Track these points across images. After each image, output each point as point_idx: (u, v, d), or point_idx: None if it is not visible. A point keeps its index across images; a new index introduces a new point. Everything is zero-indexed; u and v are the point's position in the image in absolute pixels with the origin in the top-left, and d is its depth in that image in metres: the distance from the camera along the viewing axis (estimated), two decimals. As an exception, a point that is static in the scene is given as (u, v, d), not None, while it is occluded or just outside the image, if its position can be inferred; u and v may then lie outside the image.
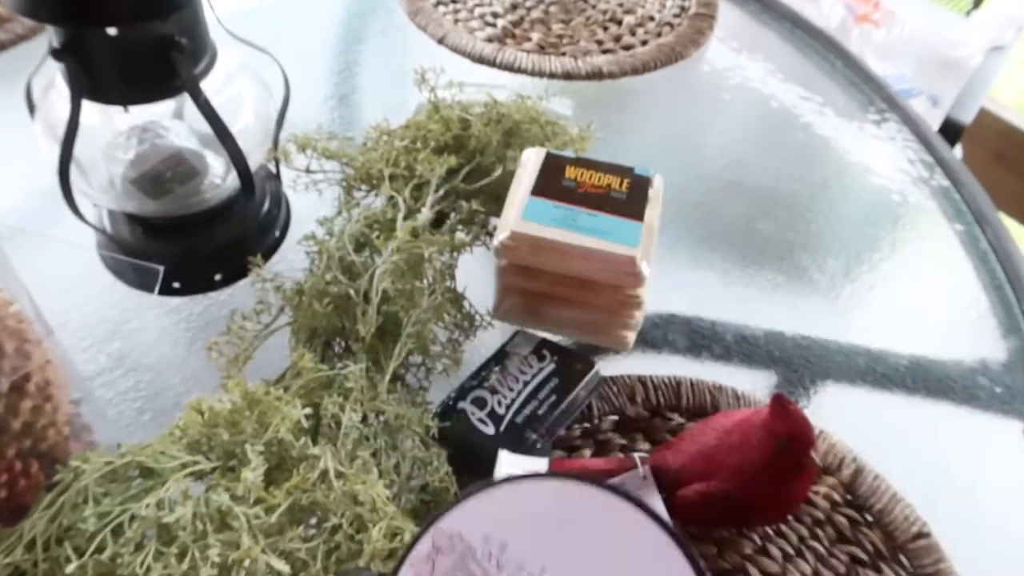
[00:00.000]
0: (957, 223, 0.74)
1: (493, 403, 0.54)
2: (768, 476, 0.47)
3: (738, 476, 0.47)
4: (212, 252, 0.62)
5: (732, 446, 0.48)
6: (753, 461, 0.47)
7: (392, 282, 0.52)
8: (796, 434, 0.46)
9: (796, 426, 0.46)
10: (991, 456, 0.59)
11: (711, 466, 0.48)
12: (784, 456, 0.46)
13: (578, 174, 0.60)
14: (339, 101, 0.83)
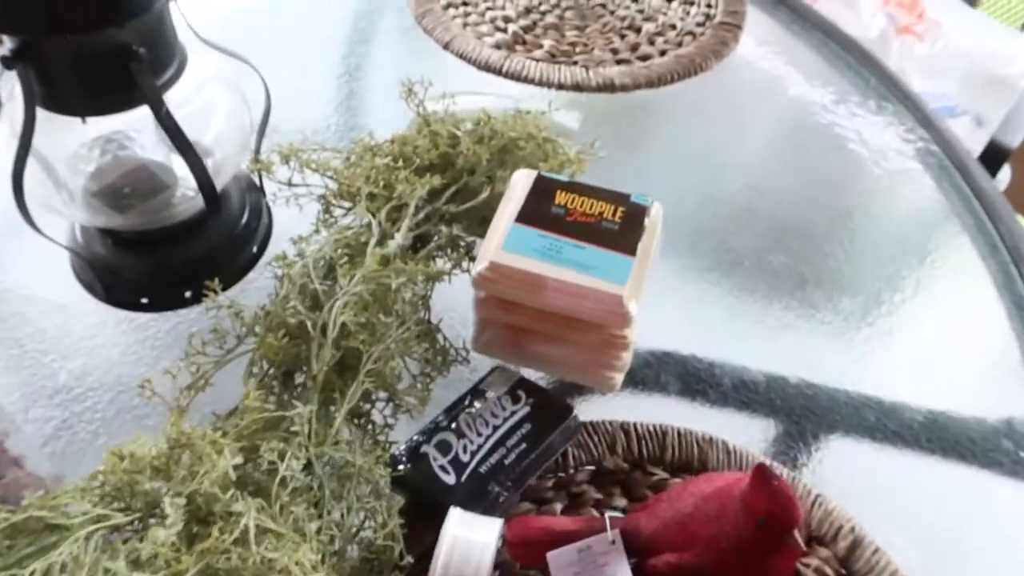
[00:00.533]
0: (992, 261, 0.68)
1: (458, 448, 0.50)
2: (745, 554, 0.42)
3: (712, 550, 0.43)
4: (183, 267, 0.60)
5: (708, 516, 0.44)
6: (729, 536, 0.43)
7: (355, 314, 0.49)
8: (777, 512, 0.41)
9: (777, 503, 0.41)
10: (1011, 531, 0.53)
11: (685, 536, 0.44)
12: (763, 533, 0.42)
13: (569, 200, 0.56)
14: (340, 106, 0.80)
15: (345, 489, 0.45)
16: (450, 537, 0.42)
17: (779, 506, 0.41)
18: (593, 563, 0.45)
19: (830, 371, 0.59)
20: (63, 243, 0.58)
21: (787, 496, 0.41)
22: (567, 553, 0.45)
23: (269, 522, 0.40)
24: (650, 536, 0.45)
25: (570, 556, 0.45)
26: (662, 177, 0.72)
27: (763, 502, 0.41)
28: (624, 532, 0.46)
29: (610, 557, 0.45)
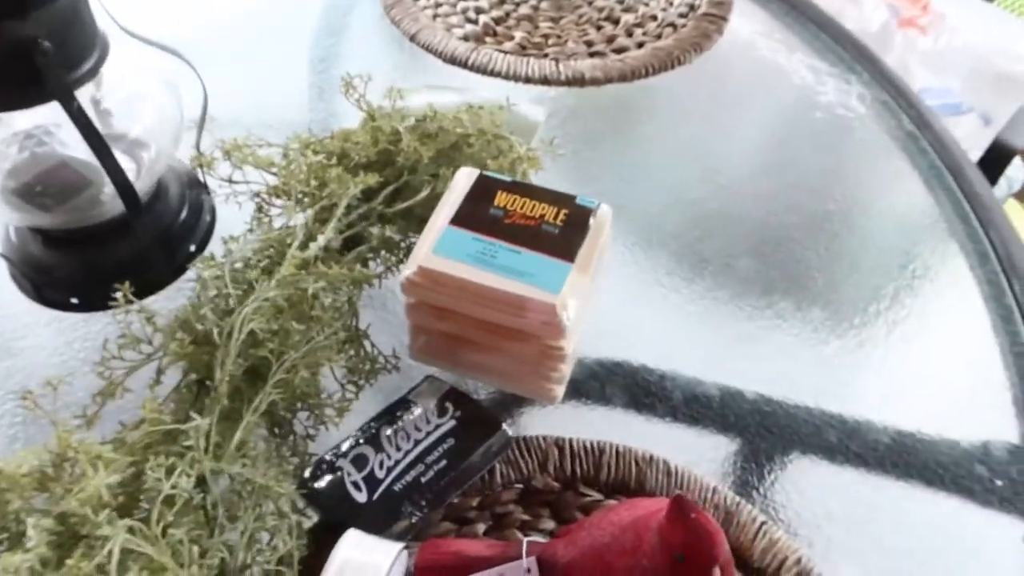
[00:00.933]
0: (980, 271, 0.63)
1: (375, 463, 0.47)
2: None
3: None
4: (115, 266, 0.58)
5: (625, 548, 0.40)
6: (645, 570, 0.39)
7: (266, 321, 0.46)
8: (695, 548, 0.38)
9: (696, 538, 0.38)
10: (978, 564, 0.49)
11: (601, 567, 0.41)
12: (680, 570, 0.38)
13: (509, 202, 0.52)
14: (306, 100, 0.78)
15: (243, 508, 0.43)
16: (339, 561, 0.39)
17: (698, 541, 0.38)
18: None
19: (792, 387, 0.55)
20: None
21: (707, 531, 0.38)
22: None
23: (145, 546, 0.38)
24: (567, 565, 0.42)
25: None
26: (629, 176, 0.68)
27: (680, 536, 0.38)
28: (541, 560, 0.42)
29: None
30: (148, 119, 0.54)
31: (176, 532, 0.38)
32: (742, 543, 0.47)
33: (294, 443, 0.50)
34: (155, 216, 0.58)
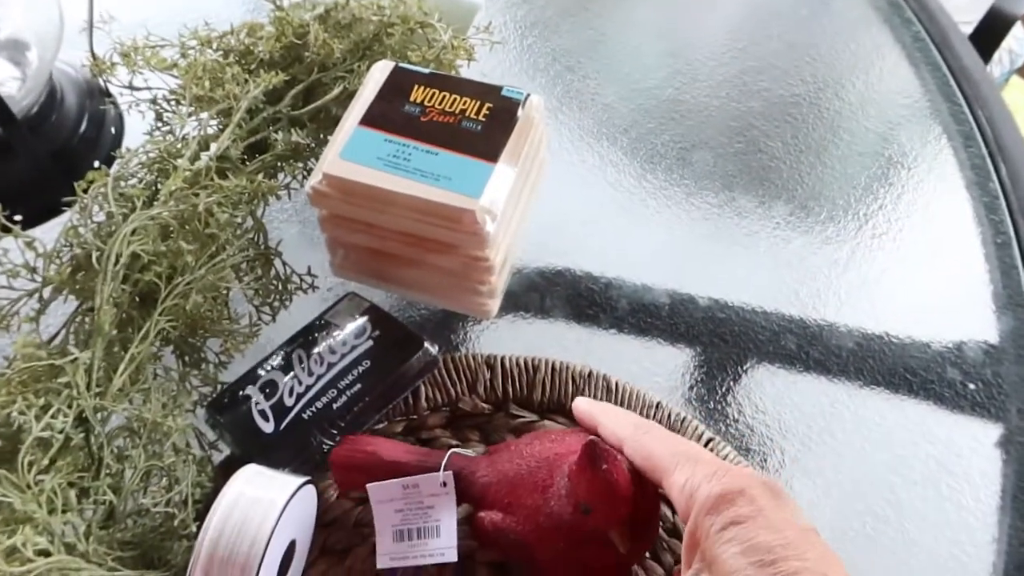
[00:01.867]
0: (964, 154, 0.57)
1: (284, 390, 0.43)
2: (564, 537, 0.35)
3: (532, 523, 0.36)
4: (9, 187, 0.53)
5: (536, 484, 0.37)
6: (550, 514, 0.36)
7: (152, 242, 0.42)
8: (600, 504, 0.34)
9: (603, 494, 0.34)
10: (949, 477, 0.45)
11: (511, 498, 0.37)
12: (585, 522, 0.35)
13: (427, 97, 0.47)
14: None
15: (132, 445, 0.39)
16: (230, 497, 0.36)
17: (604, 497, 0.34)
18: (419, 503, 0.39)
19: (749, 291, 0.51)
20: None
21: (615, 487, 0.34)
22: (390, 488, 0.39)
23: (12, 494, 0.34)
24: (484, 486, 0.39)
25: (393, 491, 0.39)
26: (578, 65, 0.62)
27: (586, 488, 0.34)
28: (460, 476, 0.39)
29: (438, 500, 0.39)
30: (22, 15, 0.49)
31: (48, 477, 0.35)
32: (686, 462, 0.43)
33: (205, 372, 0.46)
34: (49, 130, 0.53)
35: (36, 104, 0.52)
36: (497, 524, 0.37)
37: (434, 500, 0.39)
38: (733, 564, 0.28)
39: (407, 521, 0.39)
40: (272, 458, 0.41)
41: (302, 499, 0.38)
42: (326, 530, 0.42)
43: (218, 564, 0.34)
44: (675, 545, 0.41)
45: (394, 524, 0.39)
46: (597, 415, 0.38)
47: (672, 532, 0.41)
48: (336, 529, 0.42)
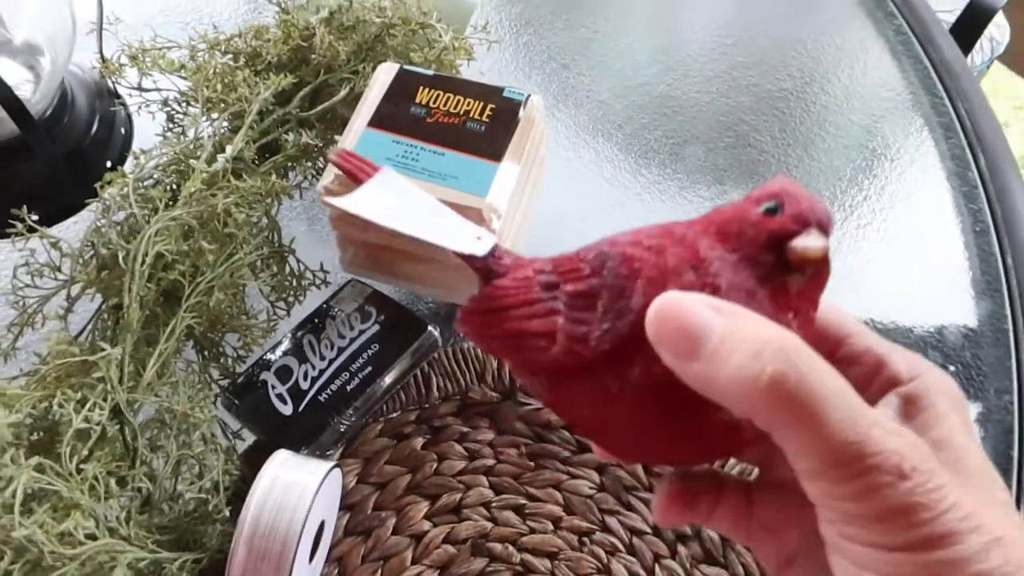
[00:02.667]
0: (945, 145, 0.60)
1: (299, 374, 0.46)
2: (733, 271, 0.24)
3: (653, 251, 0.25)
4: (22, 190, 0.54)
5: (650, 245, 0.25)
6: (683, 246, 0.25)
7: (175, 241, 0.44)
8: (792, 196, 0.24)
9: (792, 188, 0.25)
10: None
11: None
12: (765, 226, 0.24)
13: (431, 98, 0.49)
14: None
15: (164, 435, 0.41)
16: (266, 481, 0.38)
17: (795, 191, 0.24)
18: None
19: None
20: None
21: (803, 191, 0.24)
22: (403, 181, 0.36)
23: (57, 482, 0.36)
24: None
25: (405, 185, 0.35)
26: (573, 62, 0.64)
27: (776, 188, 0.25)
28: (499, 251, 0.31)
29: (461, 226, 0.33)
30: (35, 19, 0.50)
31: (90, 466, 0.37)
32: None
33: (224, 366, 0.48)
34: (62, 132, 0.55)
35: (49, 107, 0.53)
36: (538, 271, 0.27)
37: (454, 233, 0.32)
38: (977, 458, 0.23)
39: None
40: (292, 438, 0.43)
41: (331, 482, 0.40)
42: (347, 513, 0.44)
43: (260, 539, 0.36)
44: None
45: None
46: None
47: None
48: (356, 512, 0.44)
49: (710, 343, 0.21)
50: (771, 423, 0.21)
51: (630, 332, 0.24)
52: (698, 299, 0.22)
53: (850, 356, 0.26)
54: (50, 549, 0.32)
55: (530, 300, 0.27)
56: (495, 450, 0.46)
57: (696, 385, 0.22)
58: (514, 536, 0.44)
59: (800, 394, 0.21)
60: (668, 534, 0.44)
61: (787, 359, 0.21)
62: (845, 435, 0.20)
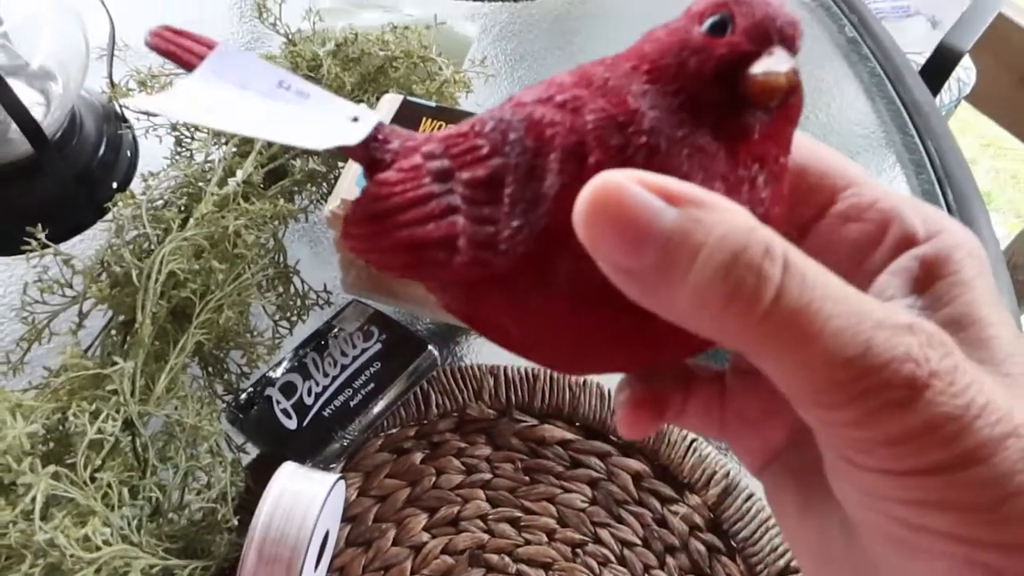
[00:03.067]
0: (916, 180, 0.63)
1: (303, 391, 0.47)
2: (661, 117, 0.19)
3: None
4: (32, 209, 0.56)
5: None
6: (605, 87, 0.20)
7: (188, 260, 0.45)
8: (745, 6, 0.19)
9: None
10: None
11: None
12: (713, 49, 0.19)
13: (435, 128, 0.51)
14: (229, 20, 0.74)
15: (174, 447, 0.43)
16: (276, 491, 0.40)
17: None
18: (295, 106, 0.25)
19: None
20: None
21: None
22: (257, 64, 0.25)
23: (73, 491, 0.38)
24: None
25: (260, 69, 0.25)
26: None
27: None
28: (386, 131, 0.24)
29: (331, 118, 0.24)
30: (50, 46, 0.52)
31: (104, 475, 0.38)
32: (672, 460, 0.48)
33: (228, 382, 0.49)
34: (71, 153, 0.56)
35: (59, 129, 0.55)
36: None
37: (323, 124, 0.24)
38: (1008, 334, 0.19)
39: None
40: (296, 452, 0.45)
41: (336, 493, 0.42)
42: (348, 524, 0.46)
43: (270, 545, 0.37)
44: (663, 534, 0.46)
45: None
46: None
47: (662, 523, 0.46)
48: (358, 524, 0.46)
49: (660, 249, 0.16)
50: (746, 350, 0.17)
51: (548, 225, 0.19)
52: (640, 180, 0.16)
53: (851, 211, 0.21)
54: (71, 552, 0.33)
55: (421, 197, 0.21)
56: (491, 465, 0.48)
57: (644, 301, 0.17)
58: (510, 547, 0.45)
59: (785, 313, 0.16)
60: (657, 546, 0.46)
61: (762, 268, 0.16)
62: (845, 351, 0.16)
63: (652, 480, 0.47)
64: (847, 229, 0.21)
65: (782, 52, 0.18)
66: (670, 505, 0.47)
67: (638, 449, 0.48)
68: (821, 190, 0.22)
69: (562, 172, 0.19)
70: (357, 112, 0.24)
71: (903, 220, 0.20)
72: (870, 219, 0.21)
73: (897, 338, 0.16)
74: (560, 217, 0.18)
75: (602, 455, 0.48)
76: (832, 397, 0.16)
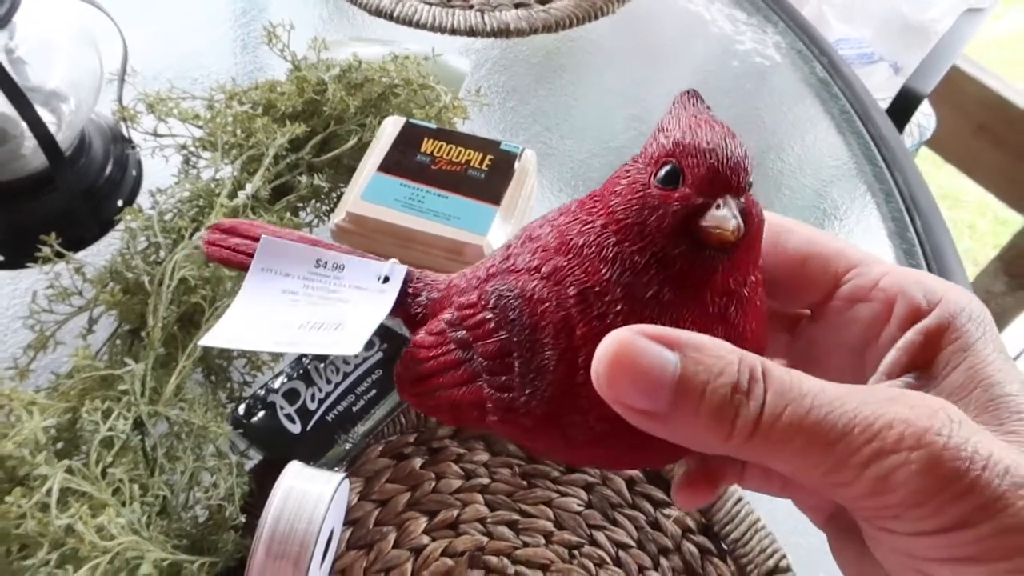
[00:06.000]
0: (886, 208, 0.67)
1: (306, 397, 0.49)
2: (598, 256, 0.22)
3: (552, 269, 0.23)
4: (41, 222, 0.57)
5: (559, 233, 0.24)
6: (583, 247, 0.23)
7: (198, 268, 0.47)
8: (693, 155, 0.22)
9: (694, 143, 0.22)
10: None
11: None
12: (666, 199, 0.22)
13: (435, 148, 0.54)
14: (232, 51, 0.77)
15: (181, 448, 0.44)
16: (284, 488, 0.41)
17: (696, 143, 0.22)
18: (329, 293, 0.29)
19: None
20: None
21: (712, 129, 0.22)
22: (296, 251, 0.28)
23: (85, 484, 0.38)
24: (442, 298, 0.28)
25: (299, 256, 0.28)
26: (554, 125, 0.70)
27: (671, 145, 0.22)
28: (415, 281, 0.29)
29: (364, 299, 0.29)
30: (65, 70, 0.54)
31: (115, 471, 0.39)
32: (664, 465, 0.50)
33: (231, 389, 0.51)
34: (79, 171, 0.58)
35: (69, 148, 0.57)
36: (465, 307, 0.25)
37: (356, 296, 0.28)
38: (1015, 390, 0.20)
39: (292, 308, 0.28)
40: (300, 455, 0.46)
41: (341, 492, 0.43)
42: (350, 528, 0.46)
43: (278, 542, 0.38)
44: (658, 537, 0.47)
45: (270, 305, 0.28)
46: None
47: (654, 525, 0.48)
48: (359, 527, 0.47)
49: (672, 392, 0.19)
50: (753, 459, 0.19)
51: (554, 394, 0.22)
52: (643, 333, 0.19)
53: (856, 292, 0.23)
54: (89, 539, 0.34)
55: (450, 363, 0.25)
56: (490, 470, 0.49)
57: (658, 433, 0.19)
58: (508, 549, 0.46)
59: (770, 421, 0.18)
60: (651, 548, 0.47)
61: (752, 391, 0.18)
62: (832, 432, 0.18)
63: (645, 484, 0.49)
64: (856, 310, 0.22)
65: (730, 201, 0.21)
66: (663, 508, 0.48)
67: (631, 455, 0.50)
68: (825, 275, 0.24)
69: (556, 346, 0.22)
70: (387, 270, 0.29)
71: (905, 295, 0.22)
72: (876, 298, 0.23)
73: (883, 409, 0.18)
74: (564, 383, 0.21)
75: (596, 461, 0.50)
76: (841, 476, 0.18)
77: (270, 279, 0.28)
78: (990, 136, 1.18)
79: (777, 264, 0.24)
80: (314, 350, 0.28)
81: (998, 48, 1.84)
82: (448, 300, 0.27)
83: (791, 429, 0.18)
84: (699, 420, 0.19)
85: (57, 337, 0.48)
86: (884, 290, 0.23)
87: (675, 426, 0.19)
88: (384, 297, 0.28)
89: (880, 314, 0.22)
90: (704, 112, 0.23)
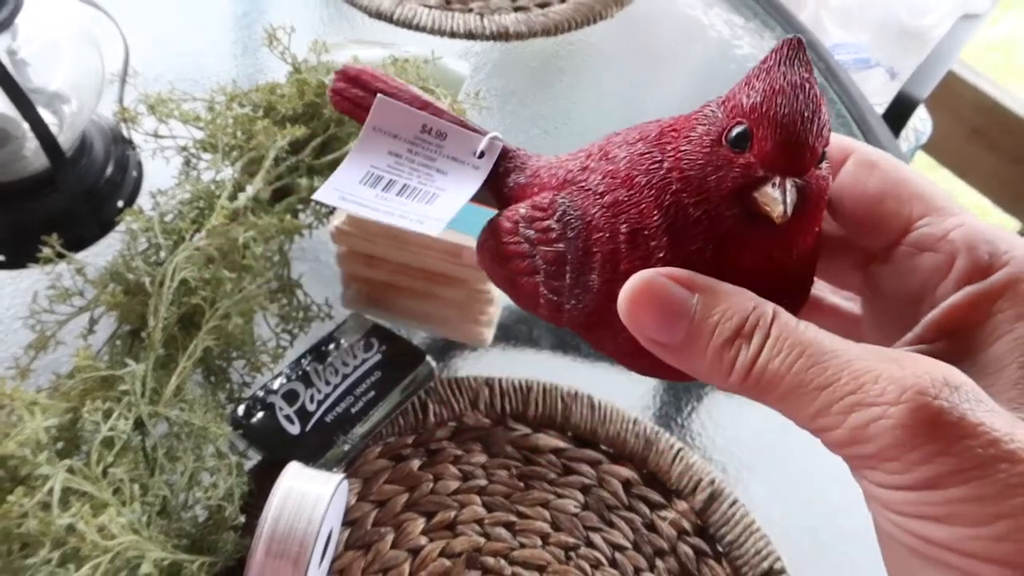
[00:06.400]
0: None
1: (305, 398, 0.49)
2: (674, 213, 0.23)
3: (607, 190, 0.24)
4: (41, 222, 0.57)
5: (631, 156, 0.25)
6: (652, 169, 0.23)
7: (198, 269, 0.47)
8: (766, 125, 0.21)
9: (771, 108, 0.21)
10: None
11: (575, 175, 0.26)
12: (731, 162, 0.22)
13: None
14: (232, 53, 0.77)
15: (181, 449, 0.44)
16: (283, 489, 0.41)
17: (772, 113, 0.21)
18: (427, 161, 0.29)
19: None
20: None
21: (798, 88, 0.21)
22: (407, 116, 0.28)
23: (86, 484, 0.39)
24: (544, 182, 0.28)
25: (407, 122, 0.28)
26: (553, 128, 0.70)
27: (748, 107, 0.22)
28: (510, 155, 0.30)
29: (458, 171, 0.29)
30: (67, 72, 0.54)
31: (116, 471, 0.40)
32: (660, 467, 0.50)
33: (230, 390, 0.51)
34: (80, 172, 0.58)
35: (71, 149, 0.57)
36: (538, 205, 0.26)
37: (452, 168, 0.29)
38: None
39: (395, 171, 0.29)
40: (299, 456, 0.46)
41: (340, 492, 0.43)
42: (348, 528, 0.47)
43: (278, 541, 0.39)
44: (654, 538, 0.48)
45: (374, 165, 0.29)
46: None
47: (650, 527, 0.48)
48: (357, 528, 0.47)
49: (687, 327, 0.21)
50: (753, 399, 0.21)
51: (595, 310, 0.24)
52: (668, 275, 0.21)
53: (923, 240, 0.22)
54: (90, 538, 0.35)
55: (520, 253, 0.27)
56: (487, 471, 0.49)
57: (672, 363, 0.22)
58: (505, 550, 0.47)
59: (772, 372, 0.19)
60: (647, 549, 0.47)
61: (754, 337, 0.20)
62: (823, 384, 0.19)
63: (641, 487, 0.49)
64: (921, 259, 0.22)
65: (787, 182, 0.21)
66: (659, 510, 0.49)
67: (628, 457, 0.50)
68: (899, 217, 0.23)
69: (602, 273, 0.24)
70: (483, 145, 0.29)
71: (970, 252, 0.22)
72: (941, 250, 0.22)
73: (875, 365, 0.19)
74: (602, 305, 0.24)
75: (593, 463, 0.50)
76: (823, 422, 0.19)
77: (379, 139, 0.29)
78: (985, 141, 1.19)
79: (856, 199, 0.24)
80: (403, 224, 0.29)
81: (993, 53, 1.85)
82: (531, 189, 0.28)
83: (780, 373, 0.19)
84: (704, 357, 0.21)
85: (58, 337, 0.48)
86: (951, 242, 0.22)
87: (686, 359, 0.21)
88: (477, 173, 0.29)
89: (941, 267, 0.22)
90: (797, 72, 0.21)
